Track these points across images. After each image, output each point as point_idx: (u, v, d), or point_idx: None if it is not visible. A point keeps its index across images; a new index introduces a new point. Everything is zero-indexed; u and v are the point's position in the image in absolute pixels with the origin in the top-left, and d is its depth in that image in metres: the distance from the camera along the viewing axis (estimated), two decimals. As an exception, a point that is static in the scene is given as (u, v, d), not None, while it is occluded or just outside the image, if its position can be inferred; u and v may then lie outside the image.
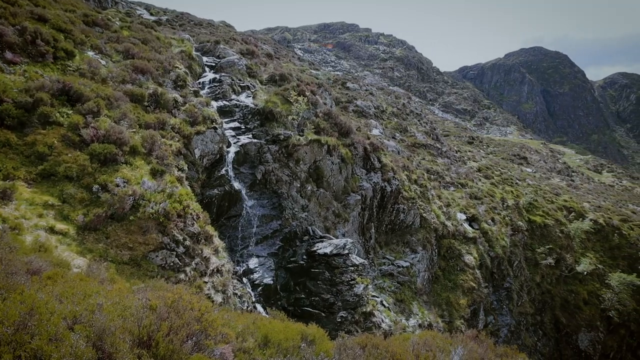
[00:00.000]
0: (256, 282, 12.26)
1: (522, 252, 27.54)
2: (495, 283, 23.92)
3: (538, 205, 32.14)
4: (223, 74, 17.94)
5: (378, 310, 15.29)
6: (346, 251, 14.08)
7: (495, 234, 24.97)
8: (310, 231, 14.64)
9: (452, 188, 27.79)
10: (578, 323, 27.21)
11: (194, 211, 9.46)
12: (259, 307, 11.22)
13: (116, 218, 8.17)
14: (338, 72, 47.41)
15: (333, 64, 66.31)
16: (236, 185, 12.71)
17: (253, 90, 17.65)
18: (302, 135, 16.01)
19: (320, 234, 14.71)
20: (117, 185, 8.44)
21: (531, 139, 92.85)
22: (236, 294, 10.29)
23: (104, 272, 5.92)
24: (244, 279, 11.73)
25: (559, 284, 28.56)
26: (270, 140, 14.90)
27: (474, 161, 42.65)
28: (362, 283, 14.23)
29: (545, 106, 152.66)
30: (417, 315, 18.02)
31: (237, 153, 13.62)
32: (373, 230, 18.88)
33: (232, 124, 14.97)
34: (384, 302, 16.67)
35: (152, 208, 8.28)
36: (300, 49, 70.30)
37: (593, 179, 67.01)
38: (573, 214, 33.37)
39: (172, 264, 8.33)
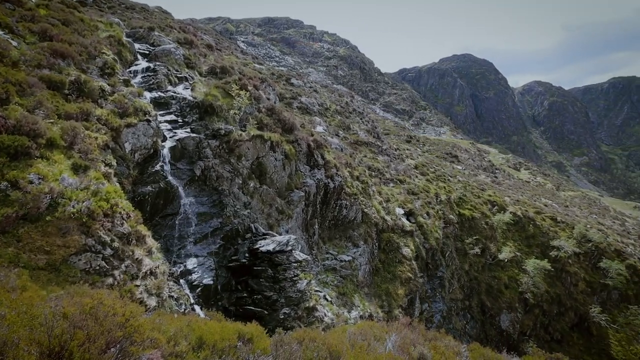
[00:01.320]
0: (195, 283, 11.74)
1: (453, 243, 29.68)
2: (430, 273, 25.52)
3: (467, 199, 34.89)
4: (158, 63, 16.83)
5: (321, 305, 15.50)
6: (289, 248, 14.05)
7: (429, 227, 26.58)
8: (253, 228, 14.37)
9: (391, 184, 29.05)
10: (500, 305, 29.97)
11: (124, 210, 8.76)
12: (197, 308, 10.75)
13: (30, 219, 7.28)
14: (282, 68, 47.13)
15: (277, 59, 65.67)
16: (173, 181, 12.02)
17: (191, 82, 16.82)
18: (244, 131, 15.61)
19: (263, 231, 14.51)
20: (31, 182, 7.52)
21: (462, 138, 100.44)
22: (172, 296, 9.76)
23: (14, 279, 5.24)
24: (181, 280, 11.16)
25: (484, 271, 31.25)
26: (210, 135, 14.31)
27: (411, 159, 45.03)
28: (306, 279, 14.32)
29: (474, 109, 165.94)
30: (359, 307, 18.60)
31: (173, 148, 12.88)
32: (317, 226, 19.07)
33: (168, 117, 14.13)
34: (327, 296, 16.96)
35: (73, 207, 7.50)
36: (243, 41, 68.52)
37: (513, 176, 74.34)
38: (496, 207, 36.75)
39: (98, 267, 7.64)
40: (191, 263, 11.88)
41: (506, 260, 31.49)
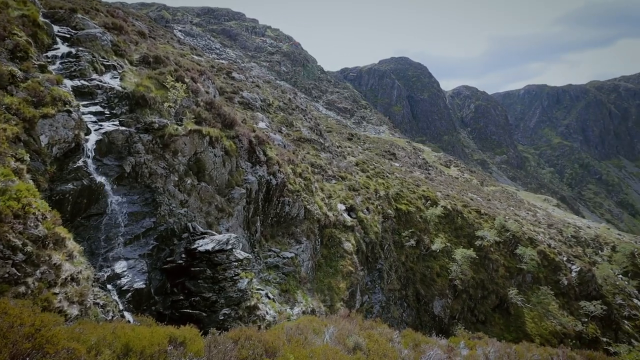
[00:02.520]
0: (125, 288, 10.92)
1: (391, 237, 31.15)
2: (370, 265, 26.54)
3: (404, 195, 36.81)
4: (81, 48, 15.27)
5: (263, 303, 15.33)
6: (229, 246, 13.67)
7: (369, 222, 27.59)
8: (191, 228, 13.76)
9: (333, 181, 29.62)
10: (433, 293, 32.11)
11: (39, 210, 7.86)
12: (127, 315, 10.02)
13: None
14: (223, 61, 45.47)
15: (218, 51, 63.20)
16: (98, 178, 11.02)
17: (121, 71, 15.53)
18: (180, 125, 14.82)
19: (202, 230, 13.96)
20: None
21: (399, 137, 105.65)
22: (98, 303, 9.00)
23: None
24: (109, 285, 10.32)
25: (419, 262, 33.26)
26: (142, 128, 13.35)
27: (352, 156, 46.30)
28: (247, 277, 14.05)
29: (410, 109, 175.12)
30: (302, 303, 18.73)
31: (99, 142, 11.81)
32: (259, 224, 18.80)
33: (93, 108, 12.91)
34: (269, 294, 16.82)
35: (-27, 208, 6.55)
36: (180, 31, 64.81)
37: (444, 173, 79.94)
38: (429, 201, 39.28)
39: (7, 275, 6.77)
40: (120, 266, 11.02)
41: (438, 250, 33.81)
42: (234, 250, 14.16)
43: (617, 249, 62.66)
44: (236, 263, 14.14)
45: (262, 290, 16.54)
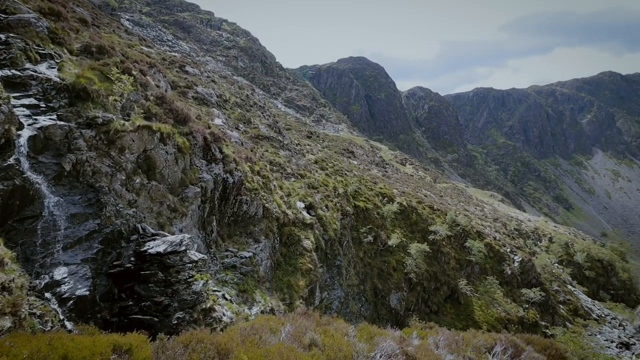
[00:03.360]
0: (65, 296, 10.11)
1: (350, 233, 31.66)
2: (329, 262, 26.79)
3: (362, 192, 37.55)
4: (12, 34, 13.86)
5: (219, 305, 14.91)
6: (183, 247, 13.13)
7: (328, 219, 27.82)
8: (140, 229, 13.04)
9: (292, 179, 29.50)
10: (389, 287, 33.08)
11: (-41, 213, 7.04)
12: (69, 325, 9.29)
13: None
14: (176, 53, 43.48)
15: (170, 43, 60.29)
16: (32, 177, 10.09)
17: (59, 61, 14.33)
18: (127, 120, 13.96)
19: (153, 231, 13.29)
20: None
21: (357, 136, 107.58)
22: (34, 313, 8.25)
23: None
24: (47, 293, 9.50)
25: (377, 257, 34.12)
26: (83, 123, 12.41)
27: (312, 154, 46.43)
28: (202, 279, 13.58)
29: (368, 108, 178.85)
30: (260, 302, 18.48)
31: (34, 138, 10.81)
32: (215, 224, 18.25)
33: (27, 101, 11.79)
34: (226, 295, 16.43)
35: None
36: (129, 20, 61.00)
37: (400, 170, 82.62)
38: (386, 198, 40.41)
39: None
40: (60, 273, 10.17)
41: (394, 245, 34.89)
42: (188, 251, 13.62)
43: (554, 240, 68.52)
44: (190, 265, 13.62)
45: (219, 291, 16.10)
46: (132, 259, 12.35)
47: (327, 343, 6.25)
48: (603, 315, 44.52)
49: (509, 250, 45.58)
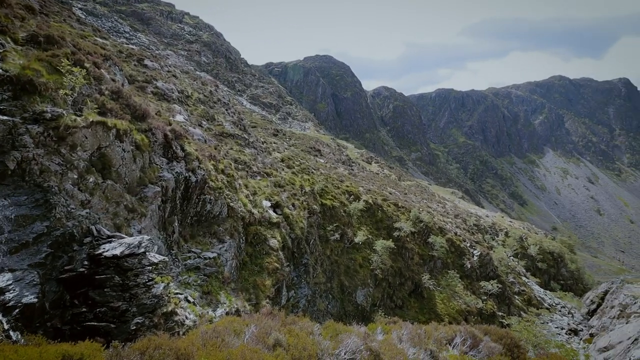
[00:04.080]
0: (10, 304, 9.37)
1: (317, 231, 31.74)
2: (296, 261, 26.71)
3: (328, 190, 37.76)
4: (-56, 19, 12.63)
5: (182, 308, 14.43)
6: (142, 250, 12.56)
7: (295, 218, 27.72)
8: (94, 231, 12.34)
9: (258, 177, 29.10)
10: (356, 283, 33.55)
11: None
12: (14, 335, 8.62)
13: None
14: (133, 46, 41.34)
15: (128, 35, 57.32)
16: (-31, 177, 9.25)
17: (1, 51, 13.23)
18: (80, 116, 13.14)
19: (109, 233, 12.61)
20: None
21: (324, 134, 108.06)
22: (-28, 325, 7.57)
23: None
24: (-13, 303, 8.75)
25: (343, 254, 34.48)
26: (30, 118, 11.54)
27: (278, 152, 46.06)
28: (163, 282, 13.05)
29: (334, 107, 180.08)
30: (225, 304, 18.09)
31: (-30, 133, 9.91)
32: (177, 224, 17.63)
33: (-38, 93, 10.79)
34: (189, 298, 15.92)
35: None
36: (81, 9, 57.27)
37: (366, 169, 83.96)
38: (352, 196, 40.91)
39: None
40: (4, 279, 9.40)
41: (360, 243, 35.41)
42: (147, 253, 13.04)
43: (509, 234, 72.52)
44: (150, 267, 13.04)
45: (181, 294, 15.56)
46: (86, 263, 11.64)
47: (292, 343, 6.19)
48: (554, 304, 47.72)
49: (468, 245, 47.66)
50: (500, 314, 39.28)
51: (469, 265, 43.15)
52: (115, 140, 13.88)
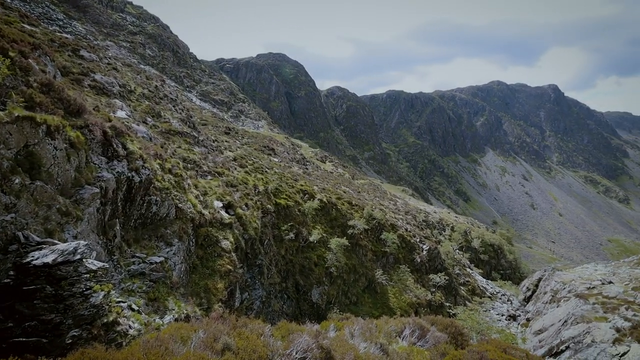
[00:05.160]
0: None
1: (271, 231, 31.36)
2: (249, 262, 26.18)
3: (283, 190, 37.47)
4: None
5: (125, 317, 13.50)
6: (78, 256, 11.57)
7: (248, 218, 27.16)
8: (22, 237, 11.19)
9: (209, 177, 28.10)
10: (311, 282, 33.66)
11: None
12: None
13: None
14: (68, 35, 37.83)
15: (61, 23, 52.41)
16: None
17: None
18: (3, 110, 11.84)
19: (38, 239, 11.49)
20: None
21: (278, 133, 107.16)
22: None
23: None
24: None
25: (298, 254, 34.43)
26: (-63, 111, 10.17)
27: (230, 151, 44.85)
28: (102, 290, 12.11)
29: (288, 106, 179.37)
30: (174, 310, 17.23)
31: None
32: (118, 227, 16.48)
33: None
34: (133, 306, 14.93)
35: None
36: (6, -7, 51.32)
37: (320, 167, 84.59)
38: (307, 195, 40.97)
39: None
40: None
41: (315, 241, 35.56)
42: (84, 260, 12.01)
43: (455, 229, 76.90)
44: (88, 275, 12.02)
45: (124, 302, 14.56)
46: (12, 272, 10.50)
47: (242, 346, 6.00)
48: (495, 293, 51.35)
49: (418, 240, 49.78)
50: (447, 304, 41.50)
51: (418, 260, 45.07)
52: (45, 138, 12.65)
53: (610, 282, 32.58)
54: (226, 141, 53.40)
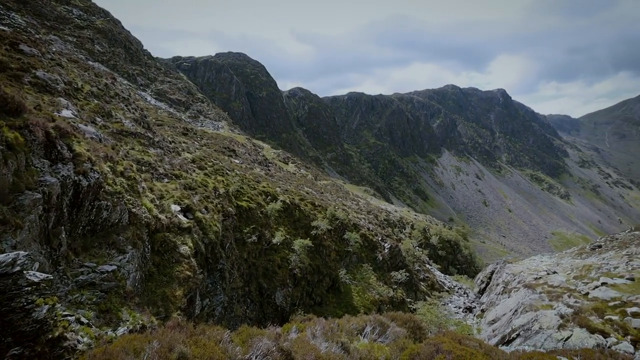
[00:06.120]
0: None
1: (233, 235, 30.66)
2: (210, 267, 25.41)
3: (244, 192, 36.79)
4: None
5: (73, 331, 12.58)
6: (17, 268, 10.65)
7: (208, 222, 26.36)
8: (-53, 250, 10.07)
9: (166, 179, 26.96)
10: (275, 285, 33.30)
11: None
12: None
13: None
14: (5, 27, 34.57)
15: (-3, 15, 47.94)
16: None
17: None
18: None
19: (-32, 251, 10.40)
20: None
21: (239, 134, 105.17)
22: None
23: None
24: None
25: (261, 256, 33.94)
26: None
27: (188, 152, 43.34)
28: (46, 304, 11.22)
29: (249, 106, 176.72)
30: (128, 321, 16.30)
31: None
32: (64, 235, 15.35)
33: None
34: (82, 319, 13.95)
35: None
36: None
37: (283, 169, 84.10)
38: (269, 197, 40.54)
39: None
40: None
41: (279, 243, 35.25)
42: (25, 272, 11.04)
43: (415, 226, 79.51)
44: (29, 288, 11.06)
45: (72, 315, 13.55)
46: (-64, 290, 9.39)
47: (198, 354, 5.77)
48: (452, 287, 53.65)
49: (380, 238, 50.92)
50: (409, 300, 42.78)
51: (381, 258, 46.10)
52: (-25, 139, 11.51)
53: (554, 272, 35.17)
54: (184, 142, 51.55)
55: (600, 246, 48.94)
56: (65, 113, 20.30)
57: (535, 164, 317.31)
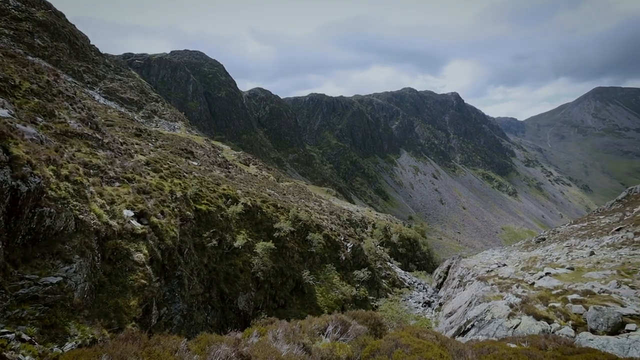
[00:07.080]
0: None
1: (191, 239, 29.59)
2: (167, 274, 24.34)
3: (203, 195, 35.66)
4: None
5: (12, 349, 11.53)
6: (-59, 284, 9.57)
7: (165, 227, 25.25)
8: None
9: (117, 183, 25.45)
10: (237, 289, 32.56)
11: None
12: None
13: None
14: None
15: None
16: None
17: None
18: None
19: None
20: None
21: (197, 135, 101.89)
22: None
23: None
24: None
25: (222, 261, 33.06)
26: None
27: (142, 154, 41.30)
28: (-22, 322, 10.19)
29: (208, 107, 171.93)
30: (76, 335, 15.18)
31: None
32: (1, 246, 14.06)
33: None
34: (24, 336, 12.82)
35: None
36: None
37: (244, 170, 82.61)
38: (230, 200, 39.63)
39: None
40: None
41: (240, 247, 34.53)
42: (-49, 288, 9.95)
43: (376, 225, 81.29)
44: (-43, 306, 9.99)
45: (11, 332, 12.40)
46: None
47: (152, 367, 5.46)
48: (412, 283, 55.39)
49: (343, 238, 51.49)
50: (371, 297, 43.59)
51: (343, 258, 46.61)
52: None
53: (504, 265, 37.44)
54: (137, 144, 49.04)
55: (544, 239, 52.82)
56: (1, 112, 18.58)
57: (486, 164, 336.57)
